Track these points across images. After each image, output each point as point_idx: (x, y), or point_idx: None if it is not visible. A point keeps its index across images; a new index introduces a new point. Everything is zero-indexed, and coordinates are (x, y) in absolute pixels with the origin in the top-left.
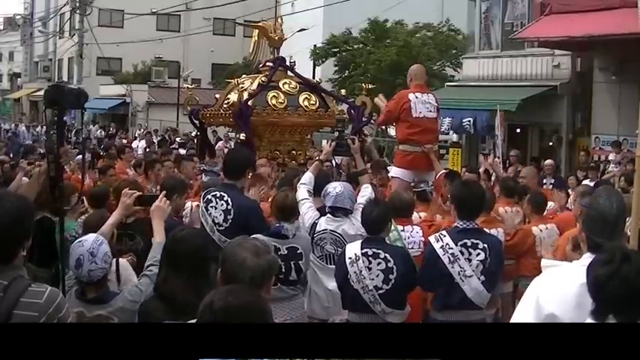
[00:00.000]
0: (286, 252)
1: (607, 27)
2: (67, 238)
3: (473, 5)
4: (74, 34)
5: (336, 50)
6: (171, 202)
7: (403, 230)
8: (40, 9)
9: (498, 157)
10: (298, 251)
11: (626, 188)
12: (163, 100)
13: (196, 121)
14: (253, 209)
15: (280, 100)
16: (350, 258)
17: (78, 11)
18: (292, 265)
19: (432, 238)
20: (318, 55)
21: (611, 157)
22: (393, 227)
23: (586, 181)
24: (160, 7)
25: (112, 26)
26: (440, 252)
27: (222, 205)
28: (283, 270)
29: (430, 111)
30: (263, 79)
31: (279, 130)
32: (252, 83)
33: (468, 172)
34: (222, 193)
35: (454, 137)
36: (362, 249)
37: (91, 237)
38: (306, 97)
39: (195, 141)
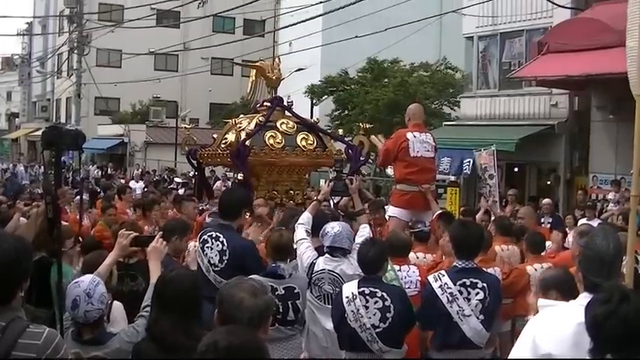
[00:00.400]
0: (283, 292)
1: (604, 66)
2: (66, 285)
3: (470, 44)
4: (72, 74)
5: (333, 89)
6: (170, 243)
7: (400, 270)
8: (37, 49)
9: (496, 199)
10: (295, 291)
11: (624, 227)
12: (161, 140)
13: (194, 161)
14: (249, 249)
15: (278, 140)
16: (347, 297)
17: (76, 51)
18: (290, 305)
19: (430, 278)
20: (316, 94)
21: (609, 196)
22: (389, 267)
23: (583, 220)
24: (158, 47)
25: (110, 66)
26: (438, 291)
27: (217, 245)
28: (281, 310)
29: (428, 150)
30: (260, 118)
31: (277, 170)
32: (249, 123)
33: (463, 216)
34: (218, 234)
35: (452, 177)
36: (359, 288)
37: (87, 278)
38: (304, 137)
39: (193, 181)
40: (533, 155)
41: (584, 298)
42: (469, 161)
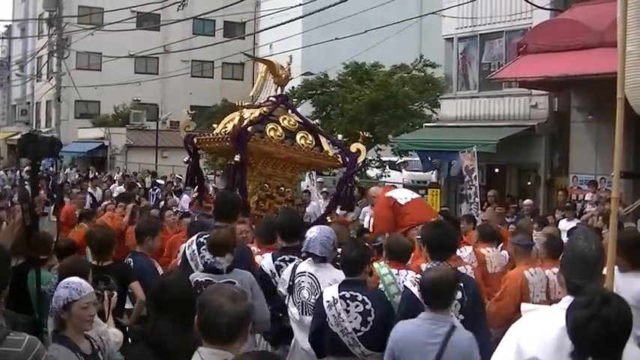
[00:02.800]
0: None
1: (584, 67)
2: (45, 291)
3: (450, 46)
4: (52, 78)
5: (312, 92)
6: (144, 244)
7: (397, 274)
8: (17, 52)
9: (477, 199)
10: (236, 285)
11: (603, 227)
12: (142, 143)
13: (190, 147)
14: (245, 254)
15: (278, 133)
16: (328, 301)
17: (55, 54)
18: None
19: (408, 283)
20: (295, 97)
21: (587, 197)
22: (387, 270)
23: (564, 221)
24: (138, 50)
25: (90, 69)
26: (418, 295)
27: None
28: None
29: (412, 194)
30: (265, 109)
31: (272, 163)
32: (252, 113)
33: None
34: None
35: (433, 178)
36: (339, 292)
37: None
38: (303, 136)
39: (187, 168)
40: (514, 156)
41: (567, 301)
42: (454, 163)
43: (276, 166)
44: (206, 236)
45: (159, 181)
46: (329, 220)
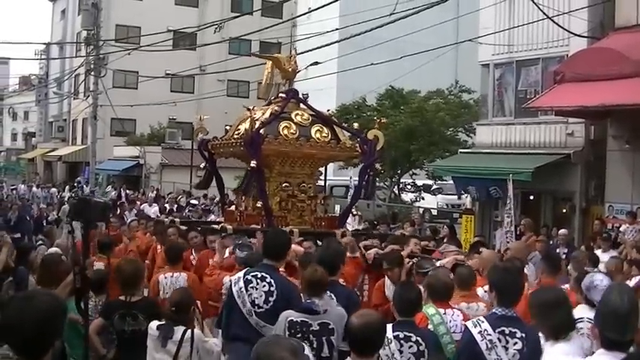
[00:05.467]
0: (318, 328)
1: (621, 96)
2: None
3: (486, 71)
4: (89, 96)
5: (347, 117)
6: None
7: (445, 313)
8: (55, 70)
9: (512, 228)
10: (330, 327)
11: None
12: (177, 162)
13: (205, 152)
14: (295, 292)
15: (292, 131)
16: None
17: (92, 73)
18: (324, 341)
19: (469, 323)
20: None
21: (622, 227)
22: (434, 311)
23: (598, 252)
24: (175, 69)
25: (127, 87)
26: (478, 337)
27: (264, 286)
28: (315, 346)
29: None
30: (276, 108)
31: (290, 162)
32: (264, 113)
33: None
34: (265, 275)
35: (467, 204)
36: (393, 332)
37: None
38: (318, 130)
39: (204, 172)
40: (549, 184)
41: (602, 354)
42: (495, 189)
43: (294, 163)
44: (253, 274)
45: (193, 201)
46: (353, 213)
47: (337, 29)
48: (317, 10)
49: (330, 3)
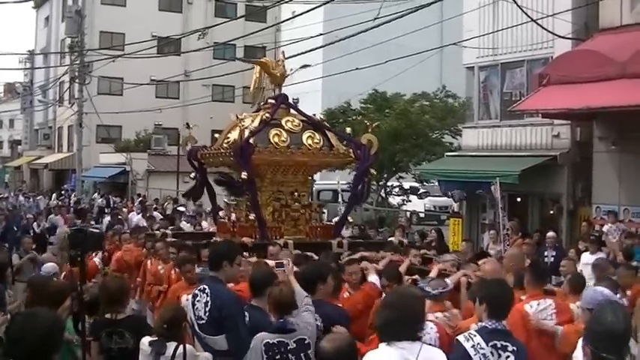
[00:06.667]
0: (295, 345)
1: (606, 98)
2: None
3: (471, 74)
4: (74, 103)
5: (333, 121)
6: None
7: None
8: (40, 77)
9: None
10: (306, 342)
11: (625, 263)
12: (163, 168)
13: (195, 162)
14: (230, 300)
15: (283, 139)
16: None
17: (77, 80)
18: (303, 357)
19: (461, 338)
20: None
21: (605, 228)
22: None
23: (587, 254)
24: (159, 75)
25: (112, 94)
26: (471, 351)
27: (204, 297)
28: None
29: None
30: (266, 115)
31: (282, 170)
32: (253, 121)
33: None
34: (205, 286)
35: (455, 207)
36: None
37: None
38: (310, 136)
39: (194, 183)
40: (536, 186)
41: None
42: (482, 191)
43: (286, 172)
44: (199, 288)
45: (180, 208)
46: (349, 220)
47: (322, 34)
48: (301, 15)
49: (315, 8)
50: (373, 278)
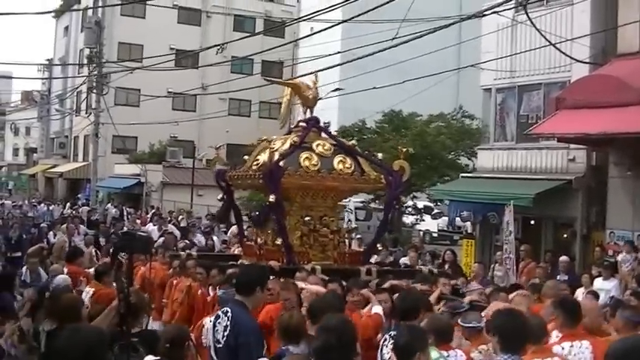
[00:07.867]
0: None
1: (623, 124)
2: None
3: (488, 96)
4: (90, 113)
5: (349, 139)
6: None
7: (448, 356)
8: (57, 87)
9: (512, 255)
10: None
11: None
12: (177, 181)
13: (222, 183)
14: (249, 328)
15: (313, 162)
16: None
17: (95, 90)
18: None
19: None
20: None
21: (620, 257)
22: (437, 354)
23: (600, 280)
24: (176, 87)
25: (129, 105)
26: None
27: (224, 320)
28: None
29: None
30: (295, 139)
31: (311, 194)
32: (283, 144)
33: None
34: (228, 309)
35: (468, 228)
36: None
37: None
38: (341, 160)
39: (222, 205)
40: (550, 209)
41: None
42: (493, 214)
43: (315, 196)
44: (222, 310)
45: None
46: (379, 248)
47: (339, 52)
48: (319, 32)
49: (333, 26)
50: (378, 309)
